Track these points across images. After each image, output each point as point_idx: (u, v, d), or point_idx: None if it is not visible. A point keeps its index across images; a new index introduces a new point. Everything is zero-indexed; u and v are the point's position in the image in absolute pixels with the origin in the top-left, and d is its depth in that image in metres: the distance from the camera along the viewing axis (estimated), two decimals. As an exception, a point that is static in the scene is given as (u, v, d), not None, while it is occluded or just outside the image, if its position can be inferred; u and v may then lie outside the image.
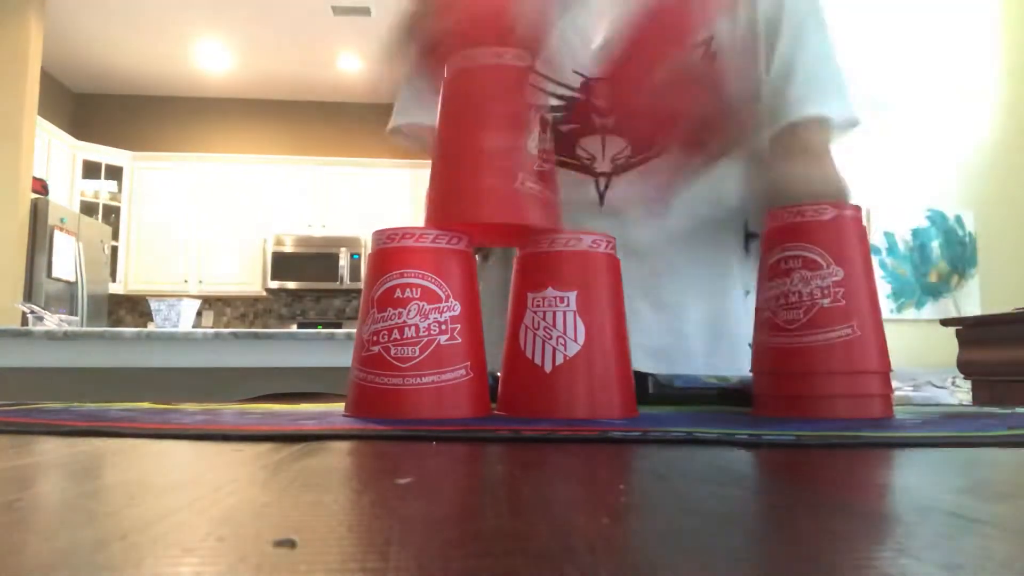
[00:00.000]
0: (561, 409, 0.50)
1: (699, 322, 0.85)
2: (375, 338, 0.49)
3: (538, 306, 0.52)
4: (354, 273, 5.74)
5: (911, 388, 5.12)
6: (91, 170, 5.76)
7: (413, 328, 0.49)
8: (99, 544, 0.16)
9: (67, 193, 5.51)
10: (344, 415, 0.51)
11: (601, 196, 0.80)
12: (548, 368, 0.51)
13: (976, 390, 2.24)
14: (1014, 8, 6.32)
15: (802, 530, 0.18)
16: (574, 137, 0.79)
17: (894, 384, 0.60)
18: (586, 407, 0.50)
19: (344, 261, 5.74)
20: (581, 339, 0.51)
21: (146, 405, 0.59)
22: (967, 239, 6.03)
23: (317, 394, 0.69)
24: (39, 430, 0.40)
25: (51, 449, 0.34)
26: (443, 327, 0.49)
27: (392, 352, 0.49)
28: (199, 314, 5.89)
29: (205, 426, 0.41)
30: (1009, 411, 0.61)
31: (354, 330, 0.75)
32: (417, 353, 0.49)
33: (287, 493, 0.23)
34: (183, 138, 6.27)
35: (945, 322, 2.42)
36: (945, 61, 6.10)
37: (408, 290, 0.49)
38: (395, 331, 0.49)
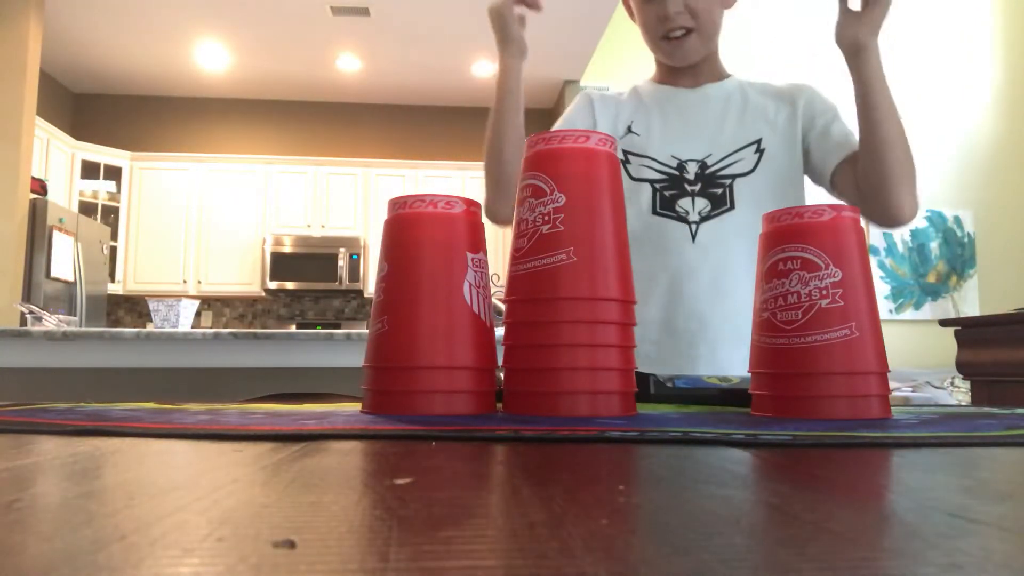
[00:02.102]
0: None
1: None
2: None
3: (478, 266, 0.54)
4: (353, 273, 5.74)
5: (910, 388, 5.13)
6: (90, 170, 5.76)
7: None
8: (99, 544, 0.16)
9: (66, 193, 5.51)
10: (361, 412, 0.51)
11: (693, 236, 1.17)
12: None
13: (975, 390, 2.24)
14: (1013, 9, 6.33)
15: (800, 530, 0.18)
16: (674, 199, 1.18)
17: (892, 384, 0.60)
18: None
19: (343, 261, 5.74)
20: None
21: (150, 405, 0.59)
22: (966, 240, 6.03)
23: (320, 394, 0.69)
24: (43, 430, 0.40)
25: (51, 449, 0.34)
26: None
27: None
28: (198, 314, 5.89)
29: (206, 426, 0.41)
30: (1008, 411, 0.61)
31: (353, 331, 0.75)
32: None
33: (287, 493, 0.23)
34: (182, 138, 6.27)
35: (944, 322, 2.42)
36: (944, 62, 6.11)
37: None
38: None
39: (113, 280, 5.72)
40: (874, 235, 5.98)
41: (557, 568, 0.15)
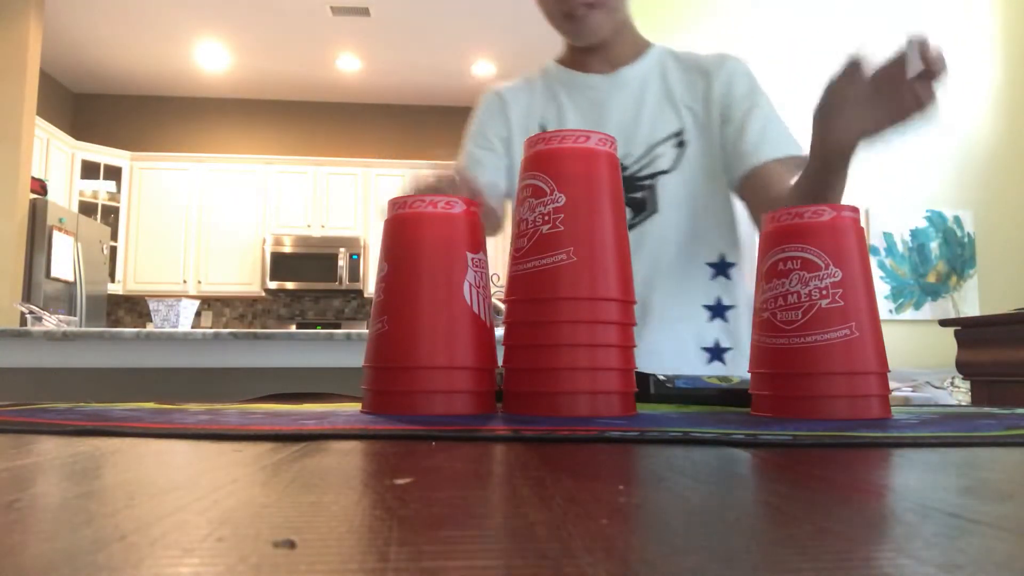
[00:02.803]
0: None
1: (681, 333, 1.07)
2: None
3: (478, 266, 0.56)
4: (353, 273, 5.74)
5: (910, 389, 5.12)
6: (90, 170, 5.76)
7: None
8: (99, 544, 0.16)
9: (66, 193, 5.51)
10: (361, 411, 0.51)
11: None
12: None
13: (975, 390, 2.24)
14: (1013, 10, 6.34)
15: (800, 530, 0.18)
16: None
17: (892, 385, 0.61)
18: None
19: (343, 261, 5.74)
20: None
21: (150, 405, 0.59)
22: (966, 239, 6.03)
23: (320, 394, 0.69)
24: (43, 430, 0.40)
25: (51, 449, 0.34)
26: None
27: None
28: (198, 314, 5.89)
29: (206, 426, 0.41)
30: (1008, 411, 0.61)
31: (353, 331, 0.75)
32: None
33: (287, 493, 0.23)
34: (182, 138, 6.27)
35: (944, 322, 2.42)
36: (944, 61, 6.10)
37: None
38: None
39: (113, 280, 5.73)
40: (874, 235, 5.98)
41: (557, 568, 0.15)
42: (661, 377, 0.66)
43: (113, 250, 5.74)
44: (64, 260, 4.84)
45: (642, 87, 1.09)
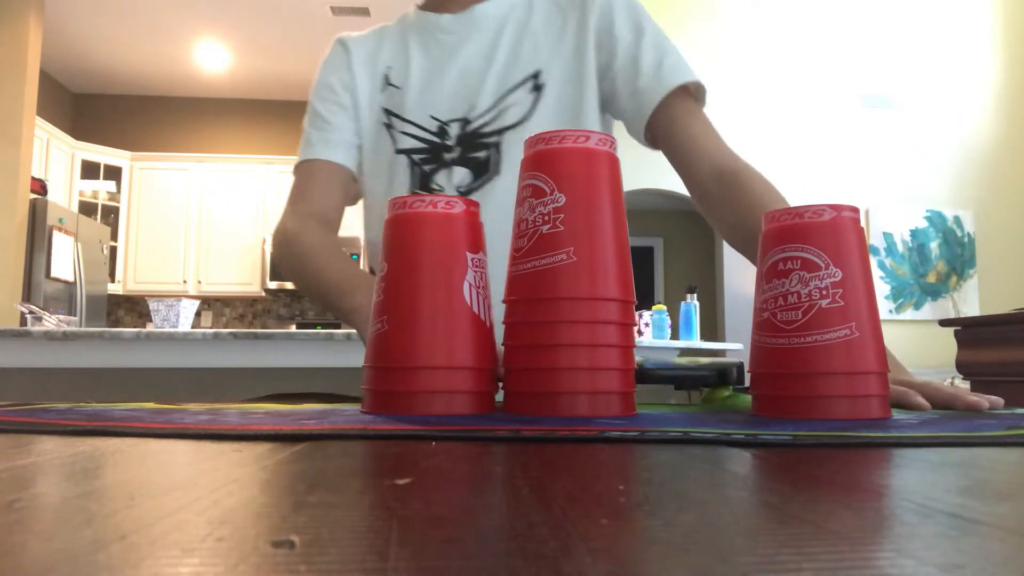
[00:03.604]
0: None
1: None
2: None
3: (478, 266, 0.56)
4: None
5: (910, 388, 5.11)
6: (90, 170, 5.76)
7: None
8: (99, 544, 0.16)
9: (66, 193, 5.51)
10: (361, 411, 0.51)
11: None
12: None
13: (975, 390, 2.24)
14: (1013, 10, 6.33)
15: (800, 530, 0.18)
16: (430, 174, 0.93)
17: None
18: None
19: (343, 261, 5.74)
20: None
21: (150, 405, 0.59)
22: (966, 239, 6.03)
23: (320, 394, 0.69)
24: (43, 430, 0.40)
25: (51, 449, 0.34)
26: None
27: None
28: (198, 314, 5.89)
29: (206, 426, 0.41)
30: (1008, 411, 0.61)
31: (353, 331, 0.75)
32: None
33: (287, 493, 0.23)
34: (182, 138, 6.28)
35: (943, 322, 2.42)
36: (945, 62, 6.11)
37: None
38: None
39: (113, 280, 5.73)
40: (874, 235, 5.98)
41: (557, 568, 0.15)
42: (642, 362, 0.64)
43: (113, 250, 5.74)
44: (64, 260, 4.84)
45: (499, 27, 0.95)
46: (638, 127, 0.92)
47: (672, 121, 0.90)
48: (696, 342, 3.57)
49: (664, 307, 3.67)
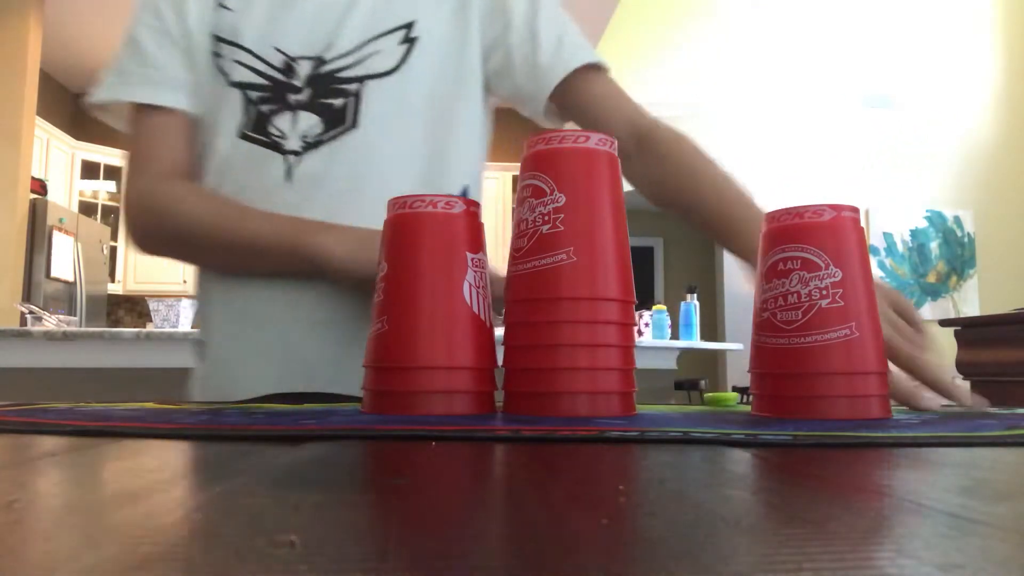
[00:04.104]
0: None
1: None
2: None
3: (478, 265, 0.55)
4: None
5: (910, 388, 5.11)
6: (90, 170, 5.76)
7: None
8: (99, 544, 0.16)
9: (66, 193, 5.51)
10: (362, 412, 0.51)
11: (289, 172, 0.79)
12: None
13: (975, 390, 2.24)
14: (1013, 10, 6.32)
15: (800, 530, 0.18)
16: (269, 115, 0.81)
17: (893, 384, 0.61)
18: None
19: (343, 261, 5.73)
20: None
21: (150, 405, 0.59)
22: (966, 239, 6.03)
23: (320, 394, 0.69)
24: (43, 430, 0.40)
25: (51, 449, 0.34)
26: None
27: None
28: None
29: (207, 426, 0.41)
30: (1008, 411, 0.61)
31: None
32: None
33: (287, 493, 0.23)
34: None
35: (944, 322, 2.42)
36: (945, 62, 6.11)
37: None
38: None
39: (113, 280, 5.73)
40: (874, 235, 5.98)
41: (557, 568, 0.15)
42: None
43: (113, 250, 5.74)
44: (64, 260, 4.84)
45: None
46: (537, 103, 0.87)
47: (580, 92, 0.87)
48: (696, 342, 3.57)
49: (664, 307, 3.67)
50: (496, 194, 5.86)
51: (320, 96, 0.80)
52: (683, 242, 7.75)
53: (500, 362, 0.56)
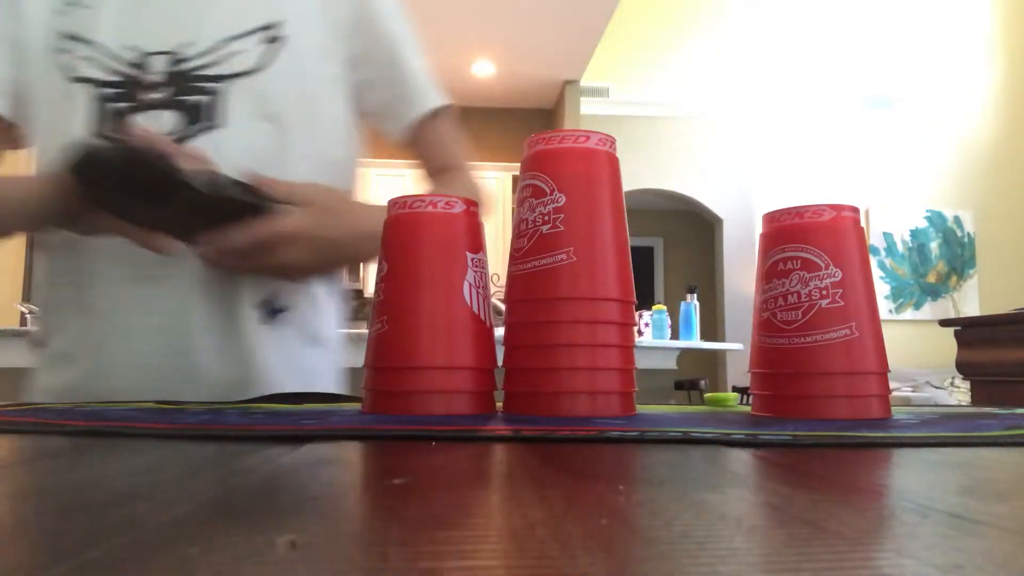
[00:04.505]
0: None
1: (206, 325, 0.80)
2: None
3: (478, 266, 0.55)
4: (353, 273, 5.74)
5: (910, 388, 5.14)
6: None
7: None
8: (98, 544, 0.16)
9: (66, 193, 5.50)
10: (362, 412, 0.51)
11: None
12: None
13: (975, 390, 2.24)
14: (1013, 10, 6.32)
15: (800, 530, 0.18)
16: (124, 114, 0.79)
17: (893, 384, 0.61)
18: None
19: (343, 261, 5.74)
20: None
21: (150, 405, 0.59)
22: (966, 240, 6.04)
23: (320, 394, 0.69)
24: (43, 430, 0.40)
25: (51, 449, 0.34)
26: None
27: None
28: (198, 314, 5.88)
29: (207, 426, 0.41)
30: (1008, 411, 0.61)
31: (352, 331, 0.75)
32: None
33: (287, 493, 0.23)
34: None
35: (944, 322, 2.42)
36: (945, 62, 6.11)
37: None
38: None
39: (113, 280, 5.72)
40: (874, 235, 5.98)
41: (557, 568, 0.15)
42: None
43: (113, 250, 5.73)
44: (64, 260, 4.83)
45: None
46: (392, 132, 0.95)
47: (423, 133, 0.95)
48: (696, 342, 3.57)
49: (664, 307, 3.67)
50: (496, 194, 5.86)
51: (180, 94, 0.79)
52: (683, 242, 7.75)
53: (500, 362, 0.56)
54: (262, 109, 0.81)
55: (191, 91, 0.79)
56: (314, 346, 0.87)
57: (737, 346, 3.98)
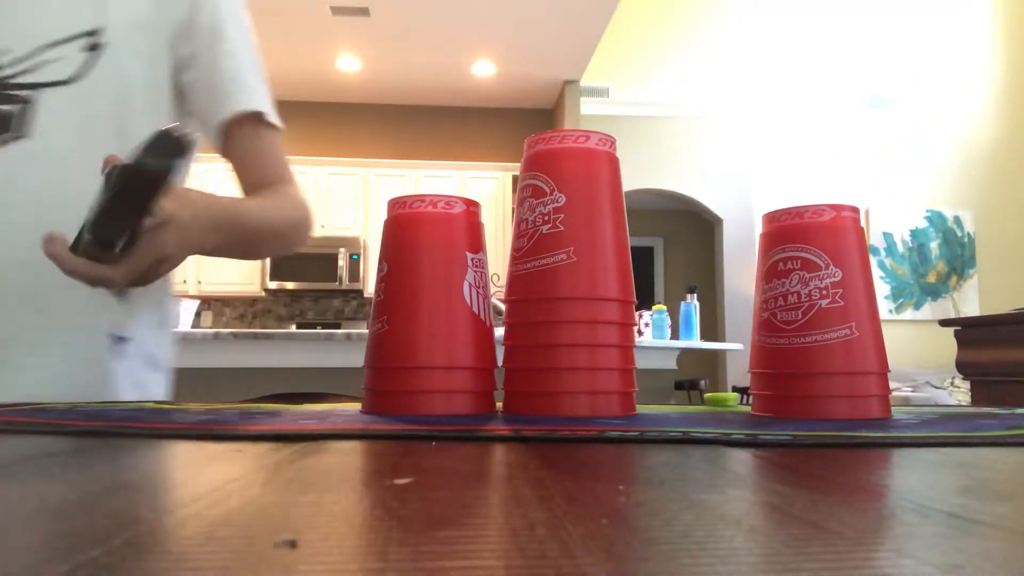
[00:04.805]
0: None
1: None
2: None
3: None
4: (353, 273, 5.74)
5: (910, 388, 5.13)
6: (90, 170, 5.75)
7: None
8: (98, 544, 0.16)
9: (66, 193, 5.50)
10: (361, 412, 0.51)
11: None
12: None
13: (975, 390, 2.24)
14: (1013, 10, 6.32)
15: (800, 530, 0.18)
16: None
17: (893, 384, 0.61)
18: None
19: (343, 261, 5.74)
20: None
21: (150, 405, 0.59)
22: (966, 239, 6.03)
23: (320, 394, 0.69)
24: (43, 430, 0.40)
25: (51, 449, 0.34)
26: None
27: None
28: (198, 314, 5.88)
29: (207, 426, 0.41)
30: (1008, 411, 0.61)
31: (353, 331, 0.75)
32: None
33: (287, 493, 0.23)
34: (182, 138, 6.26)
35: (944, 322, 2.42)
36: (945, 62, 6.10)
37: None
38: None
39: (113, 280, 5.71)
40: (874, 235, 5.98)
41: (557, 568, 0.15)
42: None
43: (113, 250, 5.73)
44: (64, 260, 4.83)
45: None
46: (209, 134, 0.91)
47: (233, 139, 0.90)
48: (696, 342, 3.57)
49: (664, 307, 3.67)
50: (496, 194, 5.87)
51: None
52: (683, 242, 7.75)
53: (500, 362, 0.56)
54: (75, 120, 0.78)
55: (1, 99, 0.76)
56: (155, 371, 0.88)
57: (737, 346, 3.99)
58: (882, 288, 6.06)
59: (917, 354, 5.70)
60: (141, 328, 0.85)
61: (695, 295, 3.74)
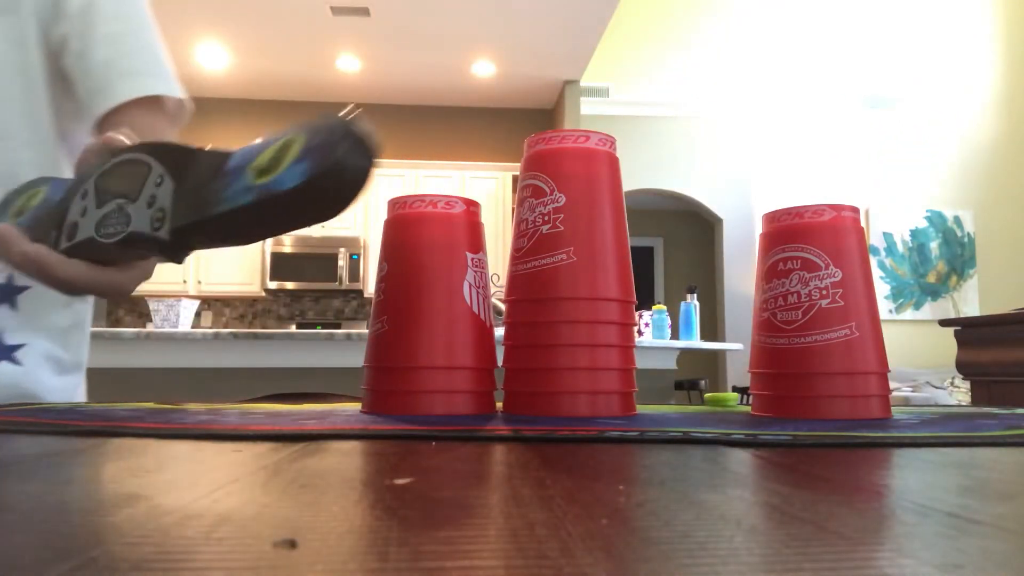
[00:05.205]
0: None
1: None
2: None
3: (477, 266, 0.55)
4: (353, 273, 5.74)
5: (910, 388, 5.13)
6: (90, 170, 5.75)
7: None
8: (98, 544, 0.16)
9: (66, 193, 5.50)
10: (362, 412, 0.51)
11: None
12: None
13: (975, 390, 2.24)
14: (1013, 10, 6.32)
15: (800, 530, 0.18)
16: None
17: (893, 384, 0.61)
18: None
19: (343, 261, 5.74)
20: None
21: (150, 405, 0.59)
22: (966, 239, 6.03)
23: (320, 394, 0.69)
24: (43, 430, 0.40)
25: (51, 449, 0.34)
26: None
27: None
28: (198, 314, 5.88)
29: (207, 426, 0.41)
30: (1008, 411, 0.61)
31: (353, 331, 0.76)
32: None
33: (287, 493, 0.23)
34: (181, 138, 6.27)
35: (944, 322, 2.42)
36: (945, 62, 6.10)
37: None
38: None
39: (113, 280, 5.71)
40: (874, 235, 5.98)
41: (557, 568, 0.15)
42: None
43: (113, 250, 5.73)
44: (64, 260, 4.83)
45: None
46: (91, 121, 0.80)
47: (118, 125, 0.77)
48: (696, 342, 3.57)
49: (664, 307, 3.67)
50: (496, 194, 5.87)
51: None
52: (683, 242, 7.75)
53: (500, 362, 0.56)
54: None
55: None
56: (61, 374, 0.83)
57: (737, 346, 3.98)
58: (882, 288, 6.06)
59: (917, 354, 5.70)
60: (40, 333, 0.79)
61: (695, 295, 3.74)
